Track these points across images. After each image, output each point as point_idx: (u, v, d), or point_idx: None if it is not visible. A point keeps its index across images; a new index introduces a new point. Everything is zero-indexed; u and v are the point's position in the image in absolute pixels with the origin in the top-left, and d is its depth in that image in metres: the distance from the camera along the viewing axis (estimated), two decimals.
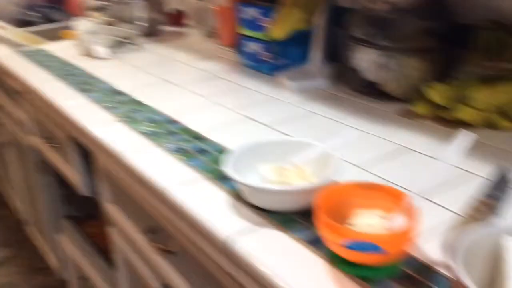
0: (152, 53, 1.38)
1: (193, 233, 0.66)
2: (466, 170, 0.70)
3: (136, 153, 0.80)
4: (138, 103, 1.01)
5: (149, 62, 1.30)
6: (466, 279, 0.38)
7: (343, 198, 0.57)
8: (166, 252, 0.85)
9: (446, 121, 0.85)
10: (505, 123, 0.82)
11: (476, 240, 0.43)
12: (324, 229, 0.51)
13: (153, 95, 1.05)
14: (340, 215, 0.55)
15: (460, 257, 0.40)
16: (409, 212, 0.52)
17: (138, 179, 0.77)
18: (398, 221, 0.53)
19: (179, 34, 1.57)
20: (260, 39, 1.14)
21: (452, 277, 0.39)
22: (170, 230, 0.77)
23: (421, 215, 0.54)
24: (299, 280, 0.51)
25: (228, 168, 0.63)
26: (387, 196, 0.56)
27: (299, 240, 0.57)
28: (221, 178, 0.70)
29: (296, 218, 0.61)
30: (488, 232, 0.44)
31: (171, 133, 0.87)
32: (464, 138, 0.52)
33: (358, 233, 0.50)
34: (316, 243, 0.55)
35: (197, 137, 0.85)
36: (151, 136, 0.85)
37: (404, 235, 0.48)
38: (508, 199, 0.63)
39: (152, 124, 0.90)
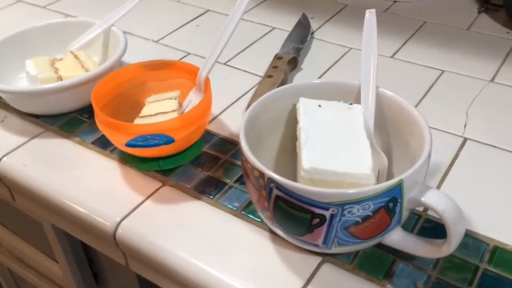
0: None
1: None
2: (268, 25, 0.65)
3: None
4: None
5: None
6: (246, 149, 0.33)
7: (132, 84, 0.48)
8: None
9: None
10: None
11: (266, 106, 0.38)
12: (103, 129, 0.42)
13: None
14: (132, 106, 0.47)
15: (244, 127, 0.34)
16: (205, 88, 0.44)
17: None
18: (194, 101, 0.46)
19: None
20: None
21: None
22: None
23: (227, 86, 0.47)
24: (90, 186, 0.43)
25: None
26: (185, 74, 0.47)
27: (84, 143, 0.47)
28: None
29: (80, 117, 0.50)
30: (282, 95, 0.39)
31: None
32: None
33: (141, 126, 0.41)
34: (105, 143, 0.47)
35: None
36: None
37: (194, 115, 0.41)
38: (305, 49, 0.59)
39: None
